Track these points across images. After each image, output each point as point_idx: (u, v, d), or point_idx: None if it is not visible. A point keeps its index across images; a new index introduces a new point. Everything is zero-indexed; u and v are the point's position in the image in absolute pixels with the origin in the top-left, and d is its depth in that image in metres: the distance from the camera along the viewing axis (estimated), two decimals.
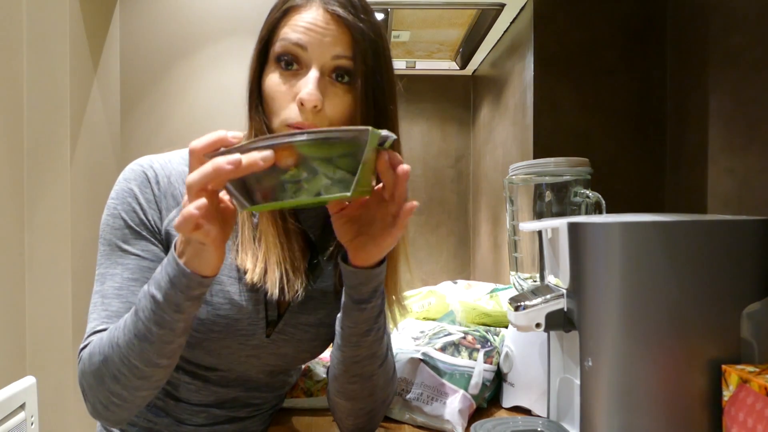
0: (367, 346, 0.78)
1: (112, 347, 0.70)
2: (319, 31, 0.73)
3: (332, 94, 0.75)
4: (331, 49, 0.74)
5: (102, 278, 0.78)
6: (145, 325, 0.67)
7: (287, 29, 0.74)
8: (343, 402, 0.83)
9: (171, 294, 0.65)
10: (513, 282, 1.19)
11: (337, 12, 0.74)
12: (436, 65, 2.77)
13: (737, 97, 1.14)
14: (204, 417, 0.88)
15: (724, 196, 1.18)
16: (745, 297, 0.73)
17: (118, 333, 0.70)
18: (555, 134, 1.53)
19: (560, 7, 1.51)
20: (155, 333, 0.67)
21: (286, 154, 0.56)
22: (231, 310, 0.80)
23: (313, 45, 0.73)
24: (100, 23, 2.05)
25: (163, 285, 0.66)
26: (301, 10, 0.74)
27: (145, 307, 0.67)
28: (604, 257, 0.75)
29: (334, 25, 0.74)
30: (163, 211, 0.80)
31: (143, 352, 0.68)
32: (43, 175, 1.82)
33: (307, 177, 0.57)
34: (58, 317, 1.83)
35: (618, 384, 0.74)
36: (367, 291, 0.74)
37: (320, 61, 0.74)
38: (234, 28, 2.76)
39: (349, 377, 0.80)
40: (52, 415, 1.82)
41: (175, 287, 0.65)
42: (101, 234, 0.80)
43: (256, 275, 0.77)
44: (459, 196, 3.31)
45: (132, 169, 0.81)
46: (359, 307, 0.75)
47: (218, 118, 2.75)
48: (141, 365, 0.69)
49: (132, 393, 0.72)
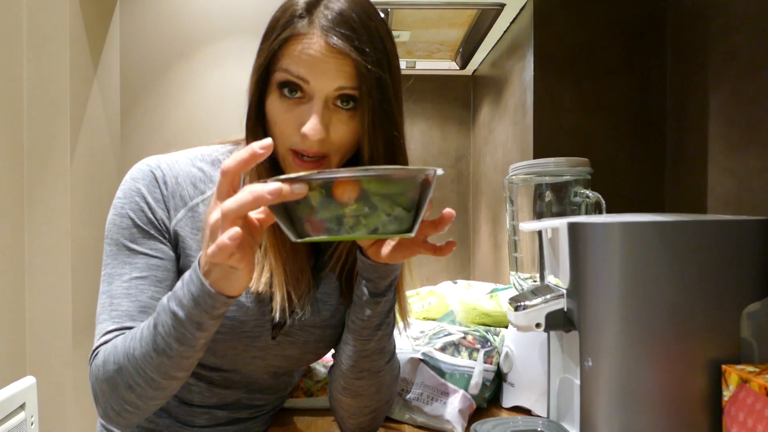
0: (377, 340, 0.79)
1: (128, 357, 0.70)
2: (321, 64, 0.71)
3: (336, 121, 0.74)
4: (334, 81, 0.72)
5: (110, 278, 0.78)
6: (164, 340, 0.66)
7: (288, 60, 0.72)
8: (348, 399, 0.83)
9: (194, 313, 0.64)
10: (513, 282, 1.19)
11: (337, 46, 0.71)
12: (436, 65, 2.76)
13: (737, 97, 1.14)
14: (206, 418, 0.88)
15: (724, 196, 1.18)
16: (745, 297, 0.73)
17: (134, 344, 0.69)
18: (555, 134, 1.53)
19: (560, 7, 1.51)
20: (175, 349, 0.66)
21: (349, 188, 0.56)
22: (237, 312, 0.80)
23: (316, 78, 0.71)
24: (100, 23, 2.05)
25: (185, 303, 0.64)
26: (302, 39, 0.71)
27: (164, 323, 0.66)
28: (604, 257, 0.75)
29: (336, 57, 0.71)
30: (171, 211, 0.80)
31: (161, 366, 0.68)
32: (43, 175, 1.82)
33: (368, 213, 0.57)
34: (58, 317, 1.83)
35: (618, 384, 0.74)
36: (384, 285, 0.75)
37: (323, 93, 0.72)
38: (234, 28, 2.76)
39: (357, 372, 0.80)
40: (52, 415, 1.82)
41: (199, 306, 0.63)
42: (107, 234, 0.80)
43: (261, 284, 0.77)
44: (459, 196, 3.31)
45: (140, 168, 0.81)
46: (374, 300, 0.75)
47: (218, 118, 2.75)
48: (158, 377, 0.69)
49: (146, 402, 0.72)
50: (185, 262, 0.80)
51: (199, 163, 0.83)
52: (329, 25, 0.71)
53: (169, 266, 0.79)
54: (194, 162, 0.83)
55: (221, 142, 0.88)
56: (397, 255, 0.72)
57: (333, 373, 0.85)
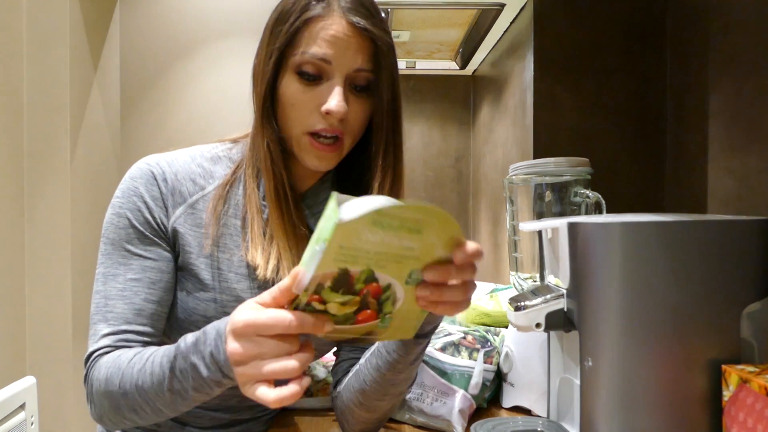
0: (409, 372, 0.78)
1: (136, 388, 0.69)
2: (342, 44, 0.74)
3: (353, 103, 0.77)
4: (354, 62, 0.75)
5: (104, 278, 0.78)
6: (181, 384, 0.66)
7: (309, 41, 0.74)
8: (362, 413, 0.82)
9: (216, 376, 0.64)
10: (513, 282, 1.20)
11: (359, 24, 0.74)
12: (436, 65, 2.77)
13: (737, 97, 1.14)
14: (207, 420, 0.88)
15: (724, 196, 1.18)
16: (745, 297, 0.73)
17: (143, 377, 0.69)
18: (555, 134, 1.53)
19: (560, 7, 1.51)
20: (191, 395, 0.67)
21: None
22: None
23: (337, 58, 0.74)
24: (100, 23, 2.05)
25: (209, 364, 0.63)
26: (322, 20, 0.74)
27: (184, 370, 0.65)
28: (604, 257, 0.75)
29: (356, 37, 0.74)
30: (169, 209, 0.80)
31: (173, 403, 0.68)
32: (43, 175, 1.82)
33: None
34: (58, 317, 1.83)
35: (618, 384, 0.74)
36: (431, 328, 0.74)
37: (343, 73, 0.75)
38: (234, 28, 2.76)
39: (381, 396, 0.80)
40: (52, 415, 1.82)
41: (223, 372, 0.63)
42: (104, 233, 0.80)
43: (268, 271, 0.77)
44: (459, 196, 3.31)
45: (138, 167, 0.81)
46: (418, 341, 0.74)
47: (218, 118, 2.75)
48: (167, 410, 0.70)
49: (147, 421, 0.73)
50: (184, 259, 0.80)
51: (199, 160, 0.84)
52: (349, 6, 0.74)
53: (164, 268, 0.79)
54: (194, 159, 0.84)
55: (220, 140, 0.89)
56: (448, 311, 0.66)
57: (348, 385, 0.83)
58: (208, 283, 0.79)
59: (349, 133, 0.79)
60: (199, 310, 0.80)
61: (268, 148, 0.79)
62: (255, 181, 0.82)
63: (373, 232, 0.51)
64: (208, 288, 0.79)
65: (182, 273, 0.81)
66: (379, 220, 0.50)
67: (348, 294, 0.55)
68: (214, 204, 0.80)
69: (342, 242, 0.50)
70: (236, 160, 0.85)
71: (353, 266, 0.53)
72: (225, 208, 0.81)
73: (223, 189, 0.81)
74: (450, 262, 0.57)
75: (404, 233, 0.52)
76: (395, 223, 0.51)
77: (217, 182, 0.82)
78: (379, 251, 0.53)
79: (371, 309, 0.58)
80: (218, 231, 0.80)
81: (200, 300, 0.80)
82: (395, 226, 0.51)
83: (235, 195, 0.82)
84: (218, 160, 0.85)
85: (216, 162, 0.84)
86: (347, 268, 0.53)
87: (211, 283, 0.79)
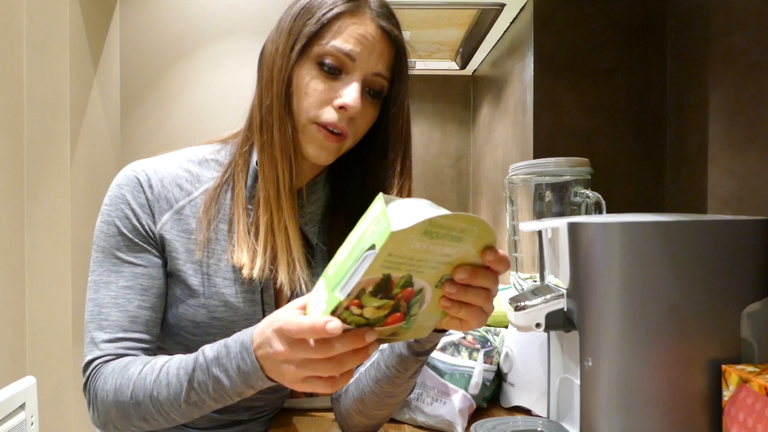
0: (407, 385, 0.79)
1: (150, 399, 0.70)
2: (369, 44, 0.76)
3: (364, 105, 0.78)
4: (375, 65, 0.77)
5: (96, 286, 0.78)
6: (199, 396, 0.68)
7: (337, 35, 0.75)
8: (361, 419, 0.83)
9: (241, 387, 0.66)
10: (513, 282, 1.20)
11: (386, 28, 0.76)
12: (436, 65, 2.76)
13: (737, 97, 1.14)
14: (206, 421, 0.88)
15: (724, 196, 1.18)
16: (745, 297, 0.73)
17: (159, 388, 0.70)
18: (555, 134, 1.53)
19: (560, 7, 1.51)
20: (209, 405, 0.69)
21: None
22: (227, 312, 0.80)
23: (362, 57, 0.75)
24: (100, 23, 2.05)
25: (232, 375, 0.66)
26: (353, 18, 0.75)
27: (203, 383, 0.68)
28: (604, 257, 0.75)
29: (383, 42, 0.77)
30: (156, 215, 0.80)
31: (188, 412, 0.70)
32: (43, 175, 1.82)
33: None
34: (58, 317, 1.83)
35: (618, 384, 0.74)
36: (431, 347, 0.75)
37: (363, 72, 0.76)
38: (234, 28, 2.76)
39: (380, 406, 0.80)
40: (52, 415, 1.82)
41: (248, 383, 0.66)
42: (95, 241, 0.81)
43: (255, 270, 0.77)
44: (459, 196, 3.30)
45: (124, 174, 0.81)
46: (417, 358, 0.75)
47: (218, 118, 2.75)
48: (180, 419, 0.71)
49: (156, 427, 0.73)
50: (172, 265, 0.80)
51: (186, 164, 0.83)
52: (380, 10, 0.77)
53: (154, 274, 0.79)
54: (181, 163, 0.83)
55: (209, 142, 0.88)
56: (459, 327, 0.66)
57: (348, 392, 0.83)
58: (196, 288, 0.79)
59: (353, 134, 0.79)
60: (188, 316, 0.80)
61: (282, 132, 0.78)
62: (244, 180, 0.81)
63: (422, 241, 0.51)
64: (196, 294, 0.79)
65: (171, 279, 0.81)
66: (430, 230, 0.51)
67: (385, 298, 0.55)
68: (203, 210, 0.80)
69: (392, 250, 0.51)
70: (225, 163, 0.84)
71: (396, 272, 0.53)
72: (213, 213, 0.81)
73: (211, 195, 0.81)
74: (479, 267, 0.58)
75: (447, 241, 0.53)
76: (443, 232, 0.52)
77: (204, 186, 0.82)
78: (421, 258, 0.53)
79: (401, 312, 0.58)
80: (207, 236, 0.80)
81: (189, 306, 0.80)
82: (442, 234, 0.52)
83: (223, 199, 0.82)
84: (206, 163, 0.84)
85: (203, 165, 0.84)
86: (390, 275, 0.53)
87: (200, 289, 0.79)
